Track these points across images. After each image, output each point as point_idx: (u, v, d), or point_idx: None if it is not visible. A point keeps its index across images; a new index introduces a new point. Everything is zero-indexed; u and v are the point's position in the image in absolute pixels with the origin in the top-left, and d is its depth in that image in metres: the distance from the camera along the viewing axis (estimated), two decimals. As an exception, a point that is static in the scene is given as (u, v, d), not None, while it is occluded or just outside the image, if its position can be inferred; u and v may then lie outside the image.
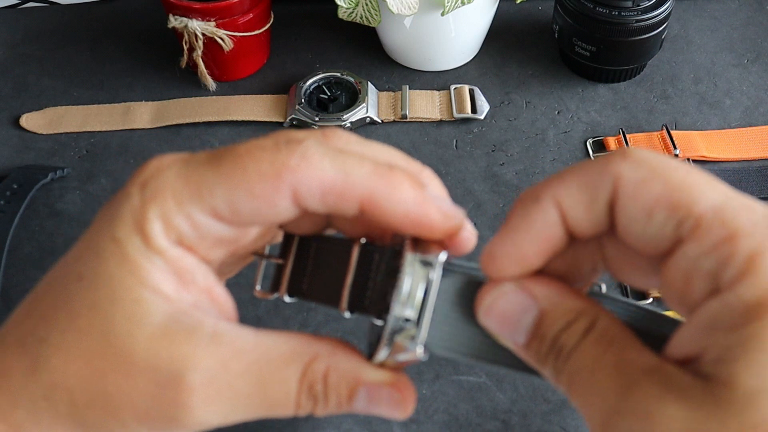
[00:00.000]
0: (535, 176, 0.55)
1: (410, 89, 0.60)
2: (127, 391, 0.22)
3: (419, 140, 0.57)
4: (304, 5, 0.69)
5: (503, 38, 0.65)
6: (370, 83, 0.60)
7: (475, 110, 0.58)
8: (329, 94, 0.59)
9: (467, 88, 0.60)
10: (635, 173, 0.21)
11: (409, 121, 0.59)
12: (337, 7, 0.56)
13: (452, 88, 0.60)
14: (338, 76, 0.60)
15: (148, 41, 0.67)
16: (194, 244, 0.24)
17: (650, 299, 0.47)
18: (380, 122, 0.58)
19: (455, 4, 0.55)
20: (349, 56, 0.64)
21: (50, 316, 0.23)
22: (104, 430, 0.23)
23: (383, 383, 0.25)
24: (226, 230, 0.24)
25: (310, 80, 0.59)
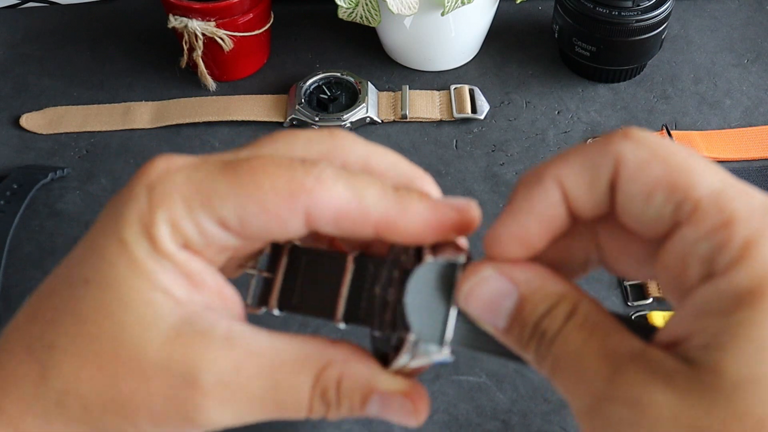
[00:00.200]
0: (535, 176, 0.55)
1: (410, 89, 0.60)
2: (141, 394, 0.23)
3: (419, 140, 0.57)
4: (304, 5, 0.69)
5: (503, 38, 0.65)
6: (370, 83, 0.60)
7: (475, 110, 0.58)
8: (329, 94, 0.59)
9: (467, 88, 0.60)
10: (636, 154, 0.21)
11: (409, 121, 0.59)
12: (337, 7, 0.56)
13: (452, 88, 0.60)
14: (338, 76, 0.60)
15: (148, 41, 0.67)
16: (200, 249, 0.23)
17: (650, 299, 0.47)
18: (380, 122, 0.58)
19: (455, 4, 0.55)
20: (349, 56, 0.64)
21: (57, 320, 0.23)
22: None
23: (397, 392, 0.25)
24: (231, 240, 0.24)
25: (310, 80, 0.59)
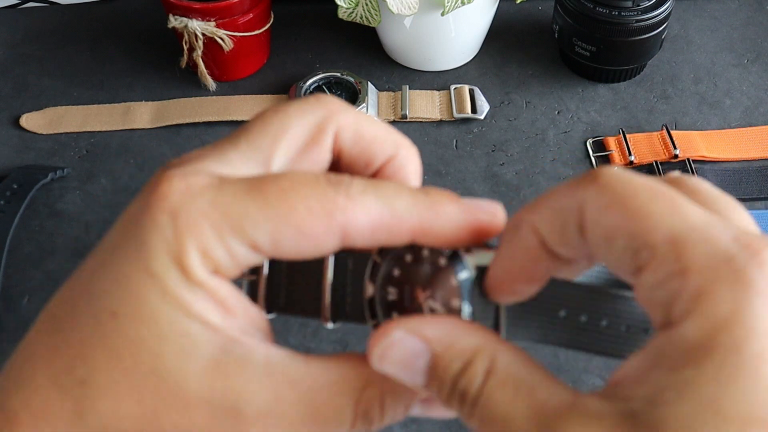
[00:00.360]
0: (535, 176, 0.55)
1: (410, 89, 0.60)
2: (183, 426, 0.22)
3: (419, 140, 0.57)
4: (304, 5, 0.69)
5: (503, 38, 0.65)
6: (370, 83, 0.60)
7: (475, 110, 0.58)
8: (329, 94, 0.59)
9: (467, 88, 0.60)
10: (598, 199, 0.20)
11: (409, 121, 0.59)
12: (337, 7, 0.56)
13: (452, 88, 0.60)
14: (338, 76, 0.60)
15: (148, 41, 0.67)
16: (230, 273, 0.23)
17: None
18: (380, 122, 0.58)
19: (455, 4, 0.55)
20: (349, 56, 0.64)
21: (87, 355, 0.22)
22: None
23: None
24: (258, 259, 0.24)
25: (310, 80, 0.59)
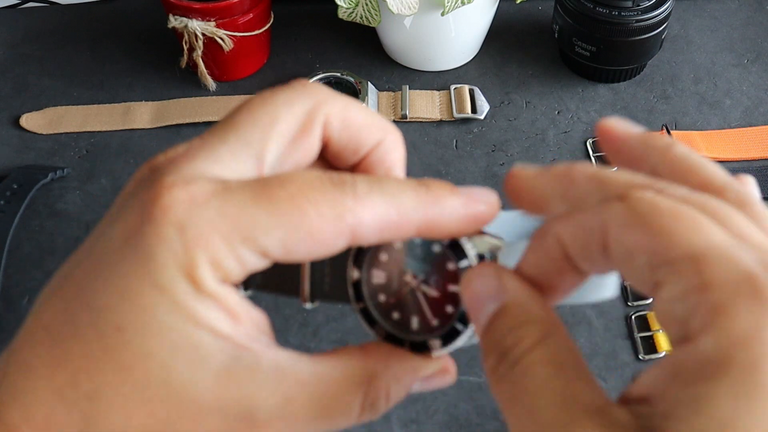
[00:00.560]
0: (535, 176, 0.55)
1: (410, 89, 0.60)
2: None
3: (419, 140, 0.57)
4: (304, 5, 0.69)
5: (503, 38, 0.65)
6: (370, 83, 0.60)
7: (475, 110, 0.58)
8: (329, 94, 0.59)
9: (467, 88, 0.60)
10: (623, 219, 0.20)
11: (409, 121, 0.59)
12: (337, 7, 0.56)
13: (452, 88, 0.60)
14: (338, 76, 0.60)
15: (148, 41, 0.67)
16: (238, 280, 0.23)
17: (650, 299, 0.47)
18: (380, 122, 0.58)
19: (455, 4, 0.55)
20: (349, 56, 0.64)
21: (92, 369, 0.22)
22: None
23: (437, 371, 0.26)
24: (266, 263, 0.24)
25: (310, 80, 0.59)
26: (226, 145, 0.24)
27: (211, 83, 0.61)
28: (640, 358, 0.45)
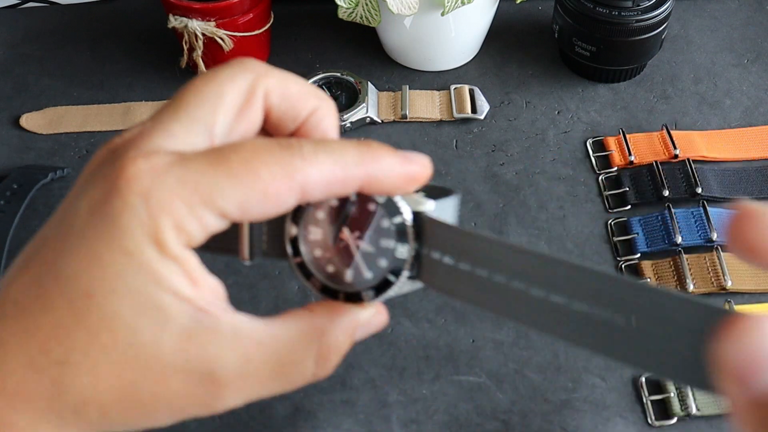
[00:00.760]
0: (535, 176, 0.55)
1: (410, 89, 0.60)
2: (162, 395, 0.24)
3: (419, 140, 0.57)
4: (304, 5, 0.69)
5: (503, 38, 0.65)
6: (370, 83, 0.60)
7: (475, 110, 0.59)
8: (329, 94, 0.59)
9: (467, 88, 0.60)
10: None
11: (409, 121, 0.59)
12: (337, 7, 0.56)
13: (452, 88, 0.60)
14: (338, 76, 0.60)
15: (148, 41, 0.67)
16: (197, 242, 0.24)
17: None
18: (380, 122, 0.58)
19: (455, 4, 0.55)
20: (349, 56, 0.64)
21: (62, 336, 0.23)
22: (136, 428, 0.25)
23: (373, 314, 0.29)
24: (225, 224, 0.25)
25: (310, 80, 0.59)
26: (178, 122, 0.26)
27: (211, 83, 0.61)
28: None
